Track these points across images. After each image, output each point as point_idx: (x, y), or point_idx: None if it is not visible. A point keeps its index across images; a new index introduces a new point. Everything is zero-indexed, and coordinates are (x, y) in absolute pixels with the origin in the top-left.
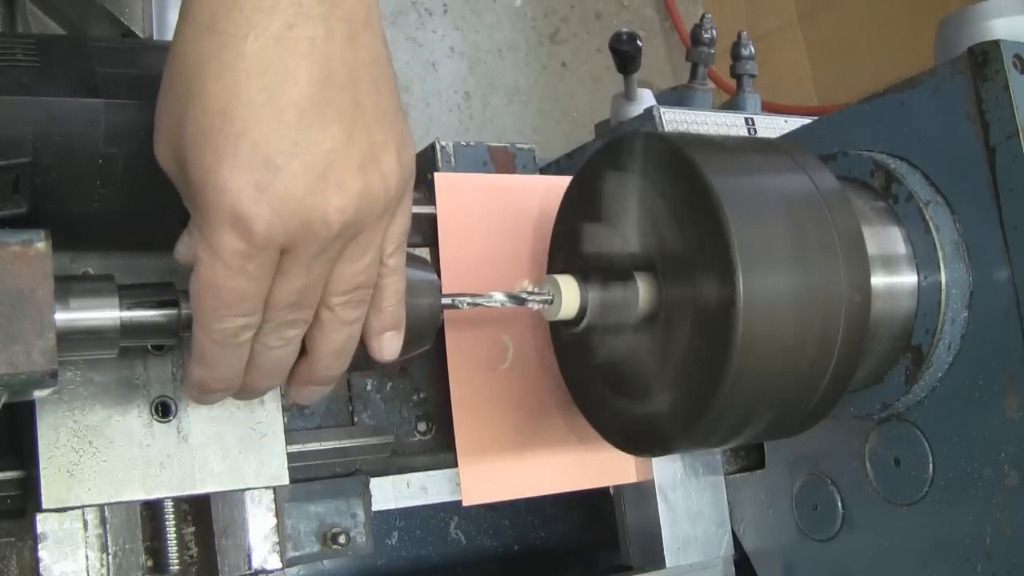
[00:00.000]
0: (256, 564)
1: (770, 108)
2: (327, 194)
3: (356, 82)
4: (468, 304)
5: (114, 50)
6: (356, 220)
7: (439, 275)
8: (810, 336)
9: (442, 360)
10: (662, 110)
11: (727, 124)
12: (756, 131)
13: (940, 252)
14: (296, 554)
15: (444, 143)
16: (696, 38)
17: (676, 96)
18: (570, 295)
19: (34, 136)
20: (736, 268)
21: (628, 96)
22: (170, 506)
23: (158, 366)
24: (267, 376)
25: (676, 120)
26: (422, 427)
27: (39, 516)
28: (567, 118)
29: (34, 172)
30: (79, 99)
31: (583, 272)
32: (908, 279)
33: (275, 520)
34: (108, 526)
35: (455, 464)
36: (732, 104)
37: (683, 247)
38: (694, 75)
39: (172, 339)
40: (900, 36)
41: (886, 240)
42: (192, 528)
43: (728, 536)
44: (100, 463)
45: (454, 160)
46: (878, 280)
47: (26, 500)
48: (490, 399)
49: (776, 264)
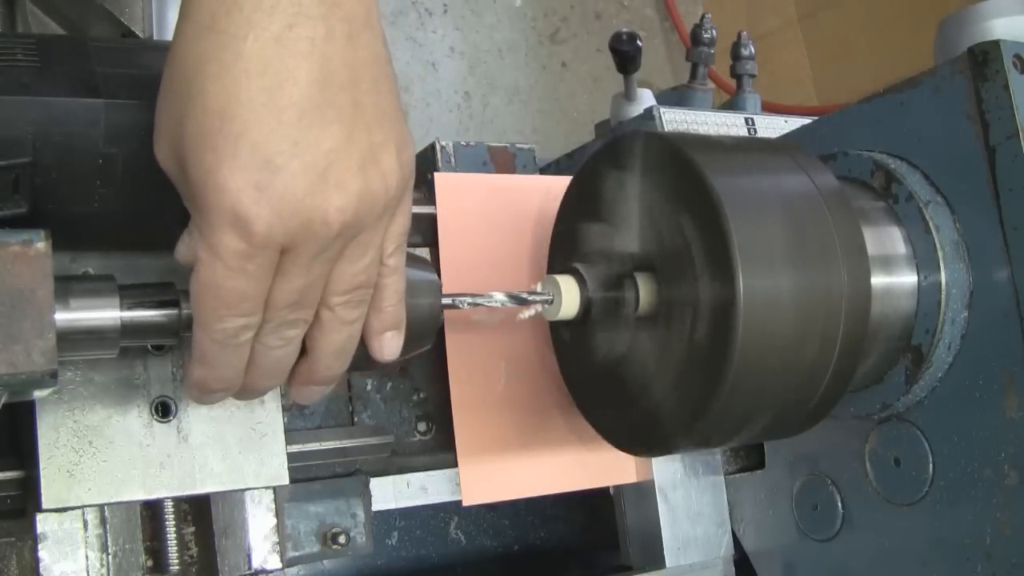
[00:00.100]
0: (256, 564)
1: (770, 108)
2: (327, 194)
3: (356, 82)
4: (468, 304)
5: (114, 50)
6: (356, 220)
7: (439, 275)
8: (810, 336)
9: (442, 360)
10: (662, 110)
11: (727, 124)
12: (756, 131)
13: (940, 252)
14: (296, 554)
15: (444, 143)
16: (696, 38)
17: (676, 96)
18: (570, 295)
19: (34, 136)
20: (736, 268)
21: (628, 96)
22: (170, 506)
23: (158, 366)
24: (267, 376)
25: (676, 120)
26: (422, 427)
27: (39, 516)
28: (567, 118)
29: (34, 172)
30: (79, 99)
31: (583, 272)
32: (908, 279)
33: (275, 520)
34: (108, 526)
35: (455, 464)
36: (732, 104)
37: (683, 247)
38: (694, 75)
39: (172, 339)
40: (900, 36)
41: (886, 240)
42: (192, 528)
43: (728, 536)
44: (100, 463)
45: (454, 160)
46: (878, 280)
47: (26, 500)
48: (490, 399)
49: (776, 264)
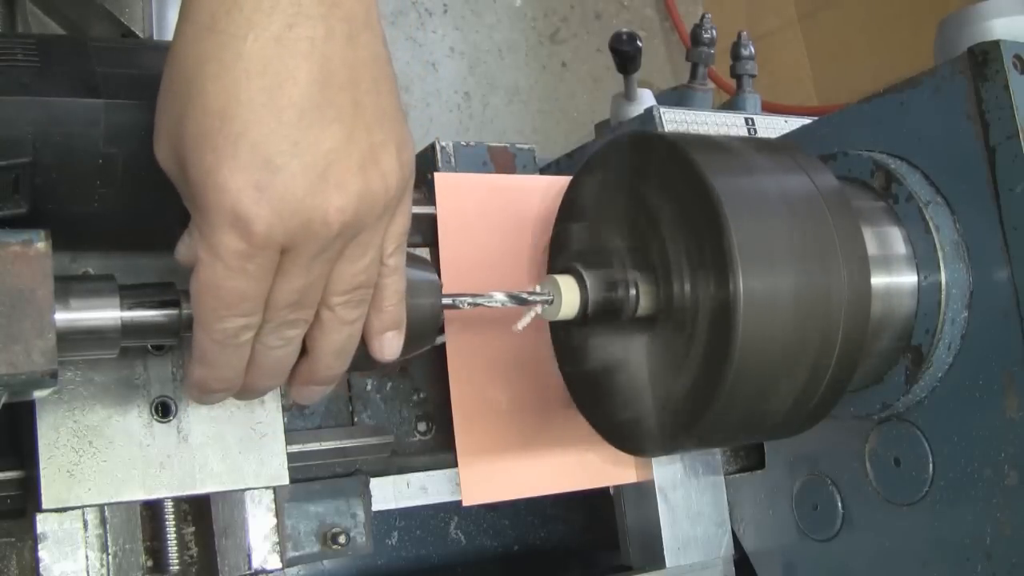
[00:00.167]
0: (256, 564)
1: (770, 108)
2: (327, 194)
3: (356, 82)
4: (468, 304)
5: (114, 50)
6: (356, 220)
7: (439, 275)
8: (810, 336)
9: (442, 360)
10: (662, 110)
11: (727, 124)
12: (756, 131)
13: (940, 252)
14: (296, 554)
15: (444, 143)
16: (696, 38)
17: (676, 96)
18: (570, 295)
19: (34, 136)
20: (736, 269)
21: (628, 96)
22: (170, 506)
23: (158, 366)
24: (268, 376)
25: (676, 120)
26: (422, 427)
27: (39, 516)
28: (567, 118)
29: (34, 172)
30: (79, 99)
31: (583, 272)
32: (908, 279)
33: (275, 520)
34: (108, 526)
35: (455, 464)
36: (732, 104)
37: (683, 247)
38: (694, 75)
39: (173, 339)
40: (900, 36)
41: (886, 240)
42: (192, 528)
43: (728, 536)
44: (100, 463)
45: (454, 160)
46: (878, 280)
47: (26, 500)
48: (490, 399)
49: (776, 264)
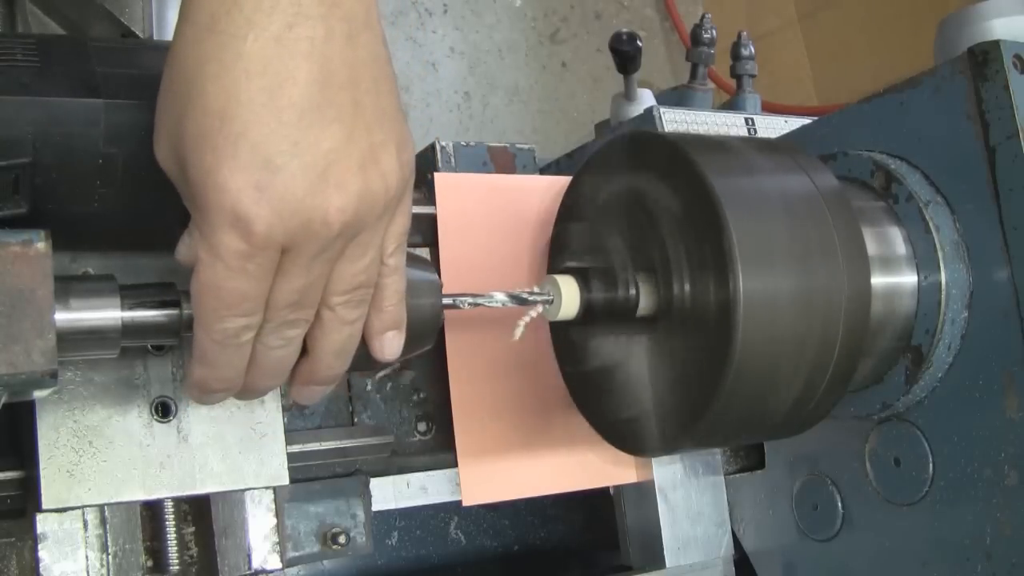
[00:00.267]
0: (256, 564)
1: (770, 108)
2: (327, 194)
3: (356, 82)
4: (469, 304)
5: (114, 50)
6: (356, 220)
7: (439, 275)
8: (810, 336)
9: (442, 360)
10: (662, 110)
11: (727, 124)
12: (756, 131)
13: (940, 252)
14: (296, 554)
15: (444, 143)
16: (696, 38)
17: (676, 96)
18: (570, 295)
19: (34, 136)
20: (736, 269)
21: (628, 96)
22: (170, 506)
23: (158, 366)
24: (268, 376)
25: (676, 120)
26: (422, 427)
27: (39, 516)
28: (567, 118)
29: (34, 172)
30: (79, 99)
31: (583, 272)
32: (908, 279)
33: (275, 520)
34: (108, 526)
35: (455, 464)
36: (732, 104)
37: (683, 247)
38: (694, 75)
39: (173, 339)
40: (900, 36)
41: (886, 240)
42: (192, 528)
43: (728, 536)
44: (100, 463)
45: (454, 160)
46: (878, 280)
47: (26, 500)
48: (490, 399)
49: (776, 265)
